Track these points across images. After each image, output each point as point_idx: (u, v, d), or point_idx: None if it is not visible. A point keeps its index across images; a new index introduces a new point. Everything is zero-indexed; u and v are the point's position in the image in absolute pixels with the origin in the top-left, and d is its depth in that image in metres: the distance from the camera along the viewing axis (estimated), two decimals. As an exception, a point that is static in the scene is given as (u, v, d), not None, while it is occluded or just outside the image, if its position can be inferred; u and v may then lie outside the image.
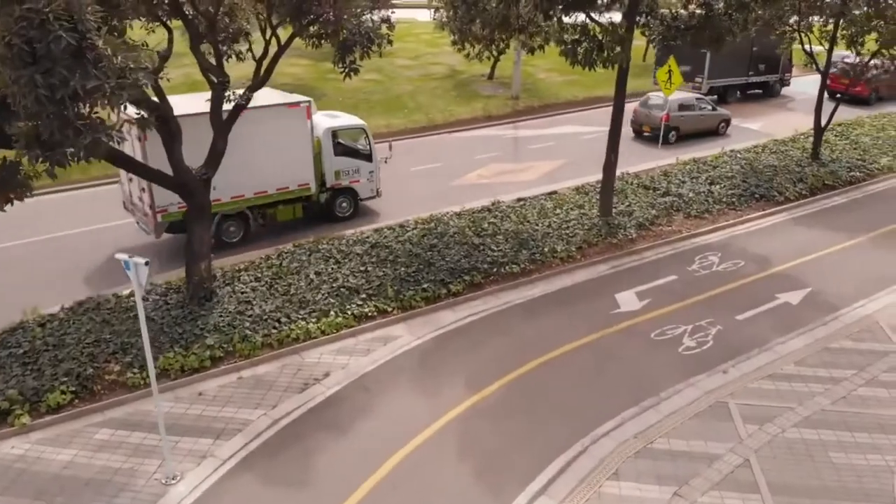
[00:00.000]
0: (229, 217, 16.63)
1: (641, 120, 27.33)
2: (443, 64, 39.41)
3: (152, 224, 15.57)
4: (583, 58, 14.18)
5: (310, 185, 17.32)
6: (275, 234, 17.41)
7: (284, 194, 17.11)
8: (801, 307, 14.46)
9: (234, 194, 16.29)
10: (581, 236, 17.17)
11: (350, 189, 18.57)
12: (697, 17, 16.91)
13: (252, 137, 15.63)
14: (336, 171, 18.10)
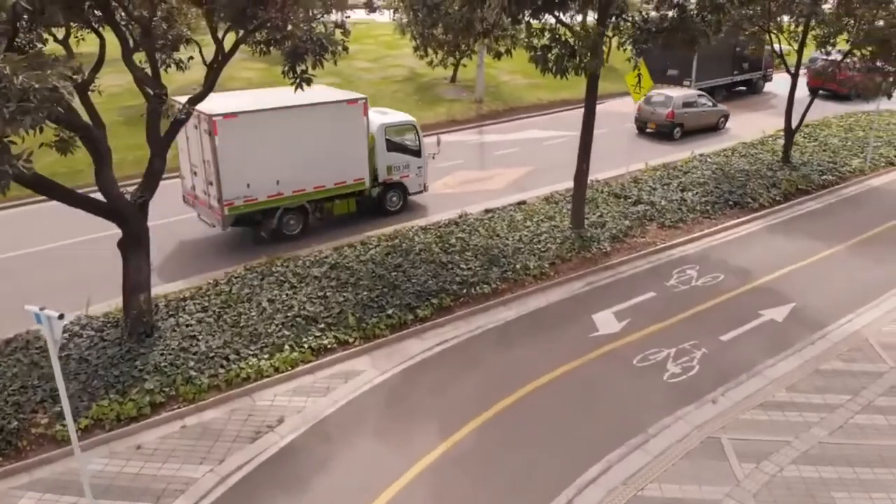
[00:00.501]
0: (290, 210, 16.88)
1: (646, 117, 27.62)
2: (403, 66, 38.26)
3: (219, 217, 15.77)
4: (554, 65, 13.23)
5: (364, 179, 17.66)
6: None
7: (341, 189, 17.42)
8: (786, 324, 13.74)
9: (296, 188, 16.55)
10: (553, 251, 16.24)
11: (400, 184, 18.93)
12: (670, 19, 16.12)
13: (313, 133, 16.17)
14: (388, 166, 18.44)
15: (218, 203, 15.59)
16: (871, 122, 28.89)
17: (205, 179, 15.86)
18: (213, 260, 16.11)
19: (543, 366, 12.14)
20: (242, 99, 17.33)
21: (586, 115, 16.35)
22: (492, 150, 26.51)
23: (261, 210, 16.26)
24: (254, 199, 15.88)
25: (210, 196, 15.84)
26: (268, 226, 16.64)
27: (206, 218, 16.84)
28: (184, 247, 17.13)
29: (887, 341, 13.09)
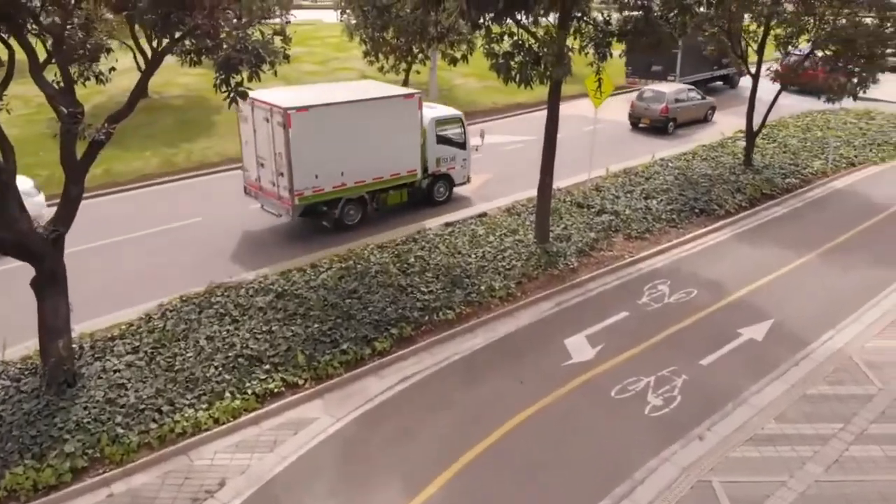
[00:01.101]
0: (351, 201, 17.52)
1: (639, 113, 28.45)
2: (353, 69, 36.84)
3: (288, 207, 16.43)
4: (517, 73, 12.19)
5: (417, 171, 18.33)
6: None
7: (396, 180, 18.07)
8: (767, 344, 13.01)
9: (357, 179, 17.22)
10: (519, 269, 15.24)
11: (447, 175, 19.62)
12: (633, 20, 15.29)
13: (374, 126, 16.80)
14: (437, 158, 19.16)
15: (289, 193, 16.20)
16: (828, 121, 28.89)
17: (274, 171, 16.44)
18: (280, 249, 16.59)
19: (516, 403, 11.09)
20: (308, 93, 17.92)
21: (549, 127, 15.39)
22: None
23: (326, 200, 16.98)
24: (321, 189, 16.66)
25: (280, 187, 16.43)
26: (331, 216, 17.31)
27: (270, 208, 17.40)
28: (250, 237, 17.55)
29: (872, 359, 12.46)
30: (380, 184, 17.78)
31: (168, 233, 17.66)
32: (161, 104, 29.59)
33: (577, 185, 21.43)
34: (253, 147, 17.12)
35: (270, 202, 17.19)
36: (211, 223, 18.24)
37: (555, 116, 15.18)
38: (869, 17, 19.15)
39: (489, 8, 10.58)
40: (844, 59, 19.32)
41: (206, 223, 18.28)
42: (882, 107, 29.99)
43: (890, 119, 29.45)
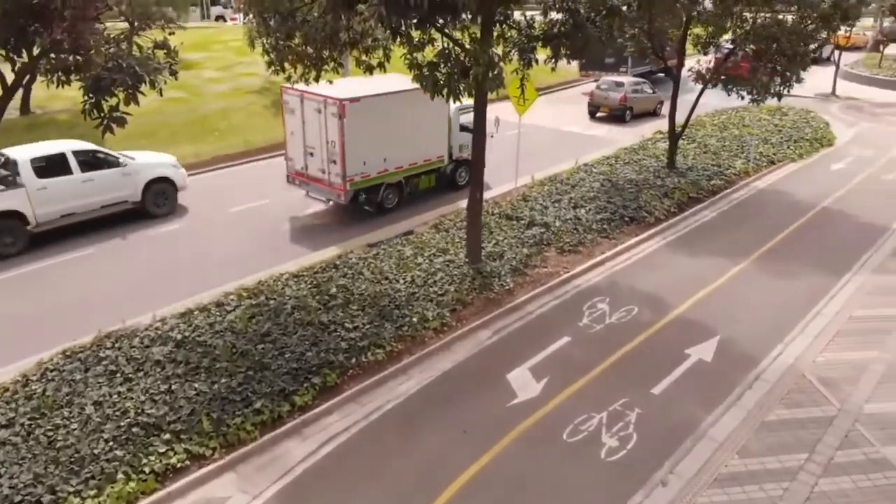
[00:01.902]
0: (390, 185, 18.79)
1: (599, 102, 30.24)
2: (258, 75, 34.65)
3: (341, 192, 17.61)
4: (445, 86, 10.92)
5: (444, 157, 19.65)
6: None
7: (427, 165, 19.50)
8: (717, 365, 12.31)
9: (397, 165, 18.57)
10: (453, 294, 14.02)
11: (467, 160, 19.66)
12: (559, 23, 14.34)
13: (411, 116, 17.75)
14: (460, 144, 20.29)
15: (342, 179, 17.42)
16: (743, 118, 29.24)
17: (325, 159, 17.64)
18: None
19: (459, 460, 9.84)
20: (355, 85, 18.50)
21: (477, 140, 14.22)
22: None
23: (370, 185, 18.18)
24: (367, 175, 17.94)
25: (331, 174, 17.65)
26: (373, 199, 18.52)
27: (317, 195, 18.90)
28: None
29: (824, 375, 11.94)
30: (414, 169, 19.21)
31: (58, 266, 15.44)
32: (45, 120, 26.75)
33: (503, 195, 20.46)
34: (300, 138, 18.19)
35: (318, 189, 18.48)
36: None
37: (482, 129, 14.03)
38: (790, 15, 19.01)
39: (411, 13, 9.29)
40: (766, 57, 19.07)
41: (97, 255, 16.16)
42: (792, 101, 30.57)
43: (801, 114, 30.07)
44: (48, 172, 16.34)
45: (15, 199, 15.79)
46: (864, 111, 32.97)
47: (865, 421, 10.69)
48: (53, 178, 16.37)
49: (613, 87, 30.18)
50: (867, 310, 14.13)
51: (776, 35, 18.21)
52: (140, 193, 18.13)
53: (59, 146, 17.05)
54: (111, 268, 15.72)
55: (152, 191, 18.36)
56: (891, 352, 12.56)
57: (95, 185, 17.15)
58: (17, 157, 16.06)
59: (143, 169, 18.21)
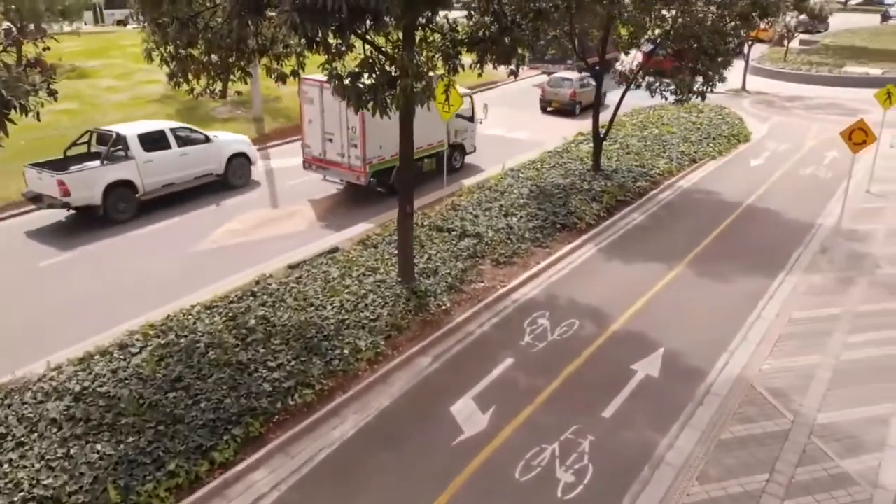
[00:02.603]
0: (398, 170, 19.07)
1: (549, 97, 31.88)
2: (160, 82, 32.40)
3: (362, 174, 19.10)
4: (370, 99, 9.89)
5: (444, 141, 20.25)
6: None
7: (430, 149, 21.07)
8: (665, 380, 11.83)
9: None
10: (386, 318, 13.01)
11: (461, 145, 22.86)
12: (484, 27, 13.57)
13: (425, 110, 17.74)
14: (455, 130, 22.15)
15: (361, 162, 19.01)
16: (661, 117, 29.46)
17: (345, 144, 19.18)
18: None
19: (406, 513, 8.89)
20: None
21: (404, 148, 13.28)
22: (284, 179, 22.57)
23: (383, 168, 19.64)
24: (383, 158, 19.47)
25: (351, 157, 19.22)
26: (385, 181, 19.85)
27: (333, 177, 20.76)
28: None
29: (773, 385, 11.65)
30: (420, 153, 19.82)
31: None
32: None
33: (432, 204, 19.62)
34: (318, 125, 19.57)
35: (336, 172, 20.16)
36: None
37: (409, 139, 13.09)
38: (710, 13, 18.95)
39: (329, 20, 8.23)
40: (689, 57, 18.96)
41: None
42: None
43: (716, 110, 30.61)
44: (152, 147, 18.92)
45: (127, 170, 18.43)
46: (775, 105, 33.99)
47: (820, 433, 10.41)
48: (156, 152, 19.01)
49: (562, 84, 31.68)
50: (805, 311, 14.05)
51: (698, 34, 18.08)
52: (224, 167, 20.88)
53: (158, 124, 19.98)
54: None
55: (233, 164, 21.08)
56: (833, 355, 12.42)
57: (190, 158, 19.80)
58: (126, 133, 18.67)
59: (226, 145, 21.05)
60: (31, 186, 18.04)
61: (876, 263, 16.12)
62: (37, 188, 17.84)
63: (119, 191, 18.25)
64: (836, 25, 63.23)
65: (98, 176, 17.90)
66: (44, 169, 17.69)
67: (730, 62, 19.24)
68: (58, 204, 17.54)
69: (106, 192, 17.98)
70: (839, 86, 38.66)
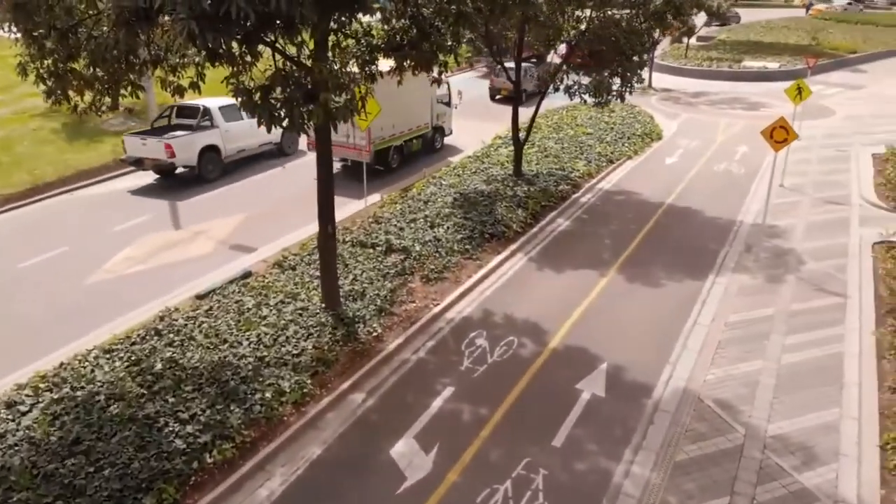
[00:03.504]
0: (395, 148, 22.83)
1: (499, 86, 33.50)
2: (43, 93, 29.73)
3: (368, 153, 21.23)
4: (286, 115, 8.76)
5: (428, 124, 23.98)
6: None
7: (417, 132, 23.71)
8: (612, 400, 11.30)
9: (400, 131, 22.72)
10: (311, 352, 11.89)
11: (441, 127, 25.40)
12: (401, 29, 12.68)
13: (408, 91, 18.43)
14: (437, 113, 24.75)
15: (367, 142, 20.91)
16: (574, 118, 29.41)
17: (350, 126, 19.08)
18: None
19: (351, 583, 7.89)
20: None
21: (322, 170, 12.17)
22: (186, 196, 20.89)
23: (382, 148, 22.02)
24: (383, 138, 21.83)
25: (357, 138, 20.81)
26: (384, 160, 22.34)
27: (336, 156, 20.48)
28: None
29: (719, 396, 11.33)
30: (408, 135, 23.35)
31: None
32: None
33: (353, 217, 18.58)
34: None
35: (341, 152, 21.40)
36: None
37: (327, 157, 12.01)
38: (624, 14, 18.76)
39: (233, 29, 7.10)
40: (607, 57, 18.69)
41: None
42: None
43: (627, 109, 30.85)
44: (229, 118, 22.09)
45: (214, 137, 21.94)
46: (681, 102, 34.73)
47: (774, 446, 10.12)
48: (233, 122, 22.20)
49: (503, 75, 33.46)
50: (739, 313, 13.93)
51: (616, 35, 17.81)
52: (280, 137, 23.94)
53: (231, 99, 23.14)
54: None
55: (286, 136, 24.23)
56: (774, 359, 12.28)
57: (256, 128, 20.70)
58: (209, 105, 21.79)
59: None
60: (131, 152, 21.21)
61: (800, 259, 16.30)
62: (139, 153, 21.05)
63: (209, 154, 21.73)
64: (748, 18, 67.00)
65: (195, 141, 21.36)
66: (147, 136, 21.11)
67: (646, 62, 19.12)
68: (164, 165, 20.90)
69: (200, 154, 21.44)
70: (739, 80, 40.11)
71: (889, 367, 11.91)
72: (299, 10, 7.09)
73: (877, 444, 10.04)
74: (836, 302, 14.28)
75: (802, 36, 53.16)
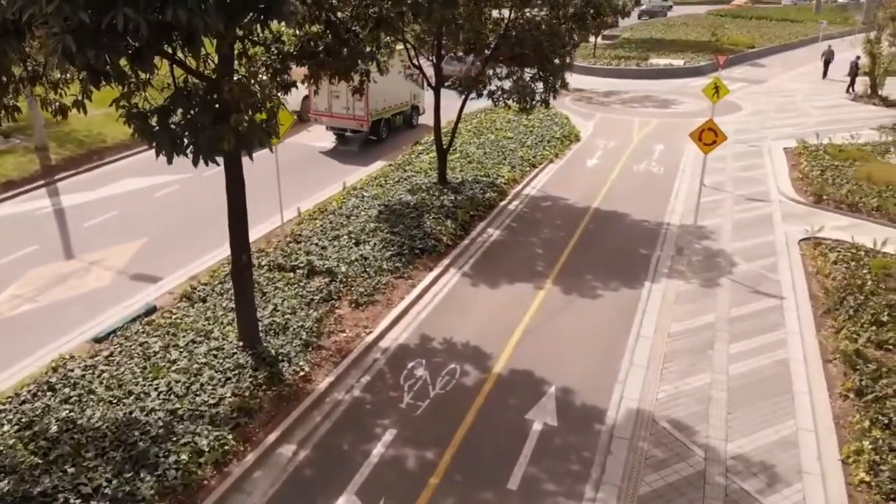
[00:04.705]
0: (385, 121, 26.51)
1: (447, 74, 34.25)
2: None
3: (366, 123, 25.15)
4: (187, 141, 7.43)
5: (408, 102, 27.87)
6: None
7: (401, 107, 27.56)
8: (564, 428, 10.61)
9: (389, 106, 26.42)
10: (231, 400, 10.58)
11: (417, 106, 28.63)
12: (316, 36, 11.57)
13: (394, 73, 21.24)
14: (414, 94, 27.94)
15: (366, 115, 24.94)
16: (493, 121, 28.86)
17: (351, 100, 24.51)
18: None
19: None
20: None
21: (232, 194, 10.87)
22: (79, 221, 18.85)
23: (375, 120, 25.54)
24: (377, 111, 25.50)
25: (356, 110, 24.94)
26: (376, 130, 25.88)
27: (336, 125, 25.96)
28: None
29: (673, 416, 10.84)
30: (394, 110, 26.70)
31: None
32: None
33: (268, 236, 17.22)
34: (325, 84, 20.52)
35: (341, 123, 25.44)
36: None
37: (239, 180, 10.73)
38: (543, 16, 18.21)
39: (119, 46, 5.81)
40: (529, 61, 18.09)
41: None
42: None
43: (543, 111, 30.40)
44: None
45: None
46: (594, 102, 34.84)
47: (736, 468, 9.68)
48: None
49: (452, 63, 33.73)
50: (681, 322, 13.58)
51: (539, 39, 17.22)
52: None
53: None
54: None
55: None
56: (722, 371, 11.94)
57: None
58: None
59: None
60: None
61: (731, 261, 16.22)
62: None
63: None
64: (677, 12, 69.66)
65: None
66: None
67: (570, 66, 18.68)
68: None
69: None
70: (647, 78, 40.78)
71: (836, 371, 11.77)
72: (202, 18, 5.90)
73: (838, 459, 9.75)
74: (773, 304, 14.19)
75: (702, 32, 54.88)
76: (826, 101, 34.43)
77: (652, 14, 70.44)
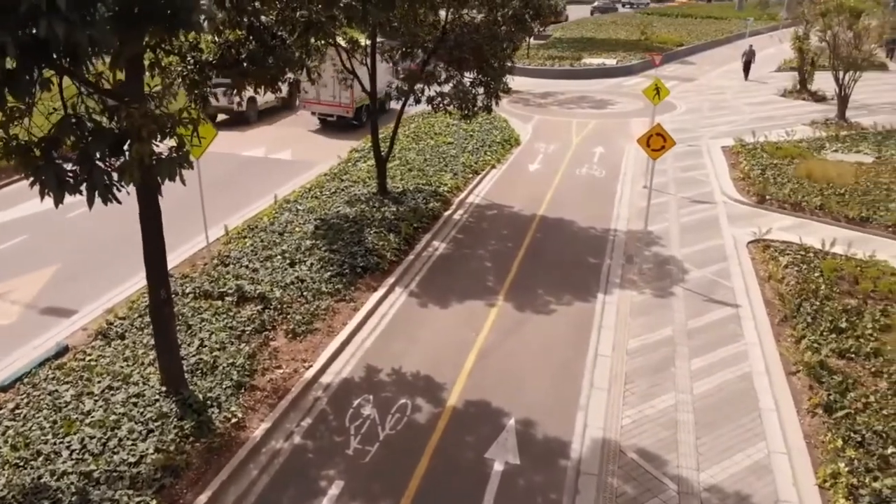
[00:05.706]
0: (366, 107, 26.80)
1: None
2: None
3: (351, 108, 27.88)
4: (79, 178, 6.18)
5: (384, 89, 22.51)
6: None
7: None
8: (528, 466, 9.80)
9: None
10: (153, 457, 9.33)
11: (389, 93, 23.43)
12: (237, 43, 10.43)
13: (379, 66, 19.93)
14: (388, 81, 22.49)
15: (351, 102, 27.59)
16: (432, 126, 27.99)
17: (337, 89, 26.72)
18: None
19: None
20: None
21: (147, 214, 9.61)
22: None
23: (361, 105, 27.99)
24: (361, 98, 26.13)
25: (342, 97, 27.46)
26: (359, 116, 28.48)
27: (322, 111, 28.54)
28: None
29: (639, 444, 10.18)
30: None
31: None
32: None
33: (192, 259, 15.90)
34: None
35: (328, 109, 28.19)
36: None
37: (155, 209, 9.48)
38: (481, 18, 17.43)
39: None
40: (468, 65, 17.28)
41: None
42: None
43: (483, 114, 29.76)
44: None
45: None
46: (531, 104, 34.37)
47: (710, 500, 9.06)
48: None
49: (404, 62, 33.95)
50: (638, 338, 13.00)
51: (478, 42, 16.41)
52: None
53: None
54: None
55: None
56: (686, 390, 11.38)
57: None
58: None
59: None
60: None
61: (682, 268, 15.81)
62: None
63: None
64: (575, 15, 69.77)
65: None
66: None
67: (511, 69, 17.98)
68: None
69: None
70: (581, 78, 40.67)
71: (800, 384, 11.37)
72: (88, 34, 4.77)
73: (814, 483, 9.26)
74: (729, 313, 13.79)
75: (632, 31, 55.38)
76: (756, 97, 34.95)
77: (604, 10, 71.05)
